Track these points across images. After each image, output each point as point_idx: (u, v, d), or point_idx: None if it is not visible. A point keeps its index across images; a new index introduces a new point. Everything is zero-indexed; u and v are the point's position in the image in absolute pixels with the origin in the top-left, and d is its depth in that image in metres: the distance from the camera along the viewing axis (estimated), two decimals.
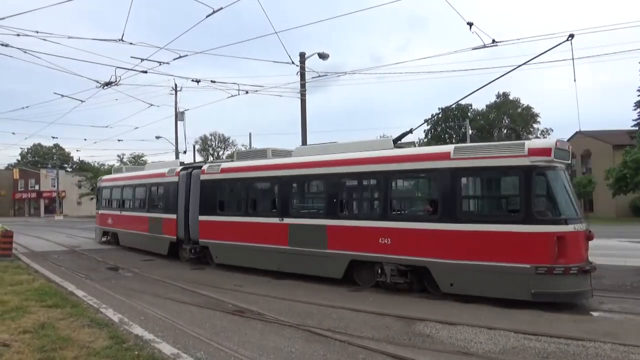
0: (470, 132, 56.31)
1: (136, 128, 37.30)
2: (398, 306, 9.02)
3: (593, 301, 9.06)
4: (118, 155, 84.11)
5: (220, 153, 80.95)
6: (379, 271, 10.60)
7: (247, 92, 17.52)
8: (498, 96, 79.52)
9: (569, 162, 9.66)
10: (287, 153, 13.87)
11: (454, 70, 42.09)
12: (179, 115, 32.81)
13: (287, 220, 12.31)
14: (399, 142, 11.55)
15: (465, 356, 6.20)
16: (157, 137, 40.22)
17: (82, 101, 19.25)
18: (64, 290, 10.31)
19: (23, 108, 25.34)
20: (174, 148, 34.47)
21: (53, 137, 51.97)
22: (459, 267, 9.28)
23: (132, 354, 5.86)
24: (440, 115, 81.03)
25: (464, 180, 9.70)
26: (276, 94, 19.13)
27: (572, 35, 9.87)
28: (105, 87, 15.68)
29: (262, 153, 14.23)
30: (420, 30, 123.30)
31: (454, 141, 79.49)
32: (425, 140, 77.21)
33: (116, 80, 15.17)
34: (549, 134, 76.39)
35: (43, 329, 6.92)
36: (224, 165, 14.73)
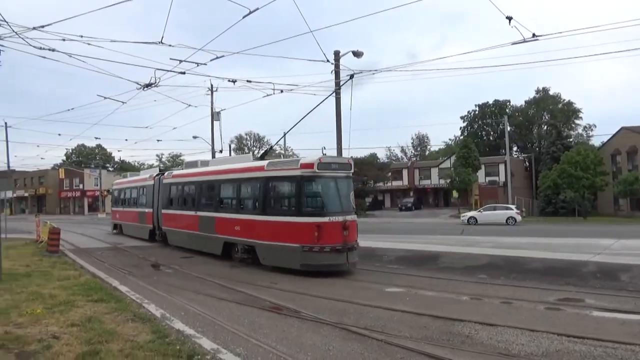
0: (508, 128, 54.96)
1: (174, 128, 38.54)
2: (435, 307, 8.91)
3: (637, 305, 8.70)
4: (157, 155, 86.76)
5: (255, 152, 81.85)
6: (237, 250, 14.90)
7: (282, 91, 17.65)
8: (537, 91, 77.04)
9: (341, 172, 13.15)
10: (206, 164, 18.75)
11: (492, 66, 41.21)
12: (215, 115, 33.34)
13: (198, 213, 17.13)
14: (266, 156, 15.90)
15: (506, 358, 6.06)
16: (194, 137, 40.96)
17: (123, 102, 19.84)
18: (109, 285, 10.68)
19: (68, 110, 26.71)
20: (211, 147, 35.11)
21: (96, 138, 54.16)
22: (268, 246, 13.38)
23: (174, 349, 6.01)
24: (476, 112, 79.34)
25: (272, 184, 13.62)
26: (311, 92, 19.34)
27: None
28: (145, 88, 16.12)
29: (194, 164, 19.47)
30: (457, 26, 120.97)
31: (491, 139, 77.70)
32: (462, 137, 75.80)
33: (156, 82, 15.58)
34: (592, 130, 73.50)
35: (90, 323, 7.19)
36: (175, 172, 20.55)
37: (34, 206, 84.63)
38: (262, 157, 16.01)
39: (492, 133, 78.16)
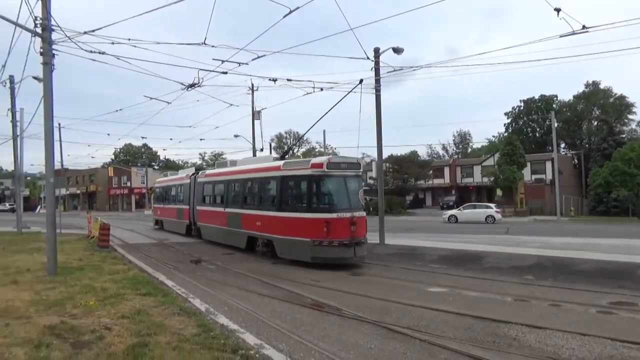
0: (555, 124, 52.91)
1: (216, 127, 39.31)
2: (480, 308, 8.71)
3: None
4: (200, 154, 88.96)
5: (295, 150, 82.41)
6: (258, 244, 16.20)
7: (321, 89, 17.66)
8: (587, 85, 73.79)
9: (350, 172, 14.23)
10: (234, 163, 20.22)
11: (537, 60, 39.78)
12: (255, 114, 33.80)
13: (227, 210, 18.56)
14: (286, 157, 17.33)
15: None
16: (236, 136, 41.77)
17: (168, 103, 20.40)
18: (156, 280, 11.04)
19: (117, 111, 27.85)
20: (251, 146, 35.63)
21: (142, 137, 56.31)
22: (284, 240, 14.60)
23: (218, 342, 6.14)
24: (521, 108, 76.87)
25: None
26: (350, 89, 19.26)
27: None
28: (189, 88, 16.52)
29: (224, 164, 21.17)
30: (500, 19, 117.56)
31: (537, 135, 75.10)
32: (506, 134, 73.65)
33: (199, 82, 15.92)
34: None
35: (139, 315, 7.45)
36: (207, 171, 22.23)
37: (85, 203, 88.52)
38: (282, 157, 17.34)
39: (538, 129, 75.52)
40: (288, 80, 17.37)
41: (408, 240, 19.66)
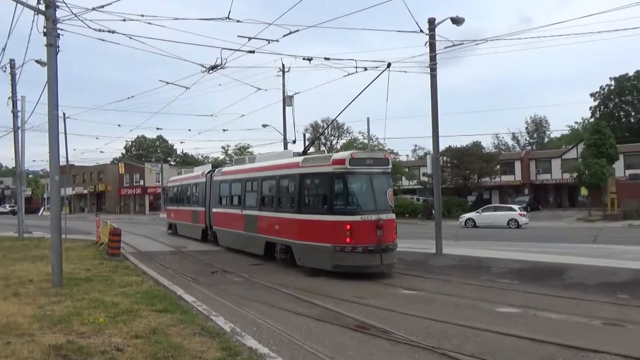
0: None
1: (242, 116, 39.83)
2: (561, 333, 8.46)
3: None
4: (222, 147, 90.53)
5: (334, 142, 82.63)
6: (276, 250, 16.88)
7: (365, 69, 17.57)
8: None
9: (377, 168, 14.77)
10: (253, 159, 21.06)
11: (631, 28, 37.88)
12: (287, 100, 33.98)
13: (244, 212, 19.40)
14: (308, 151, 17.56)
15: None
16: (264, 126, 41.71)
17: (186, 88, 20.80)
18: (173, 294, 11.31)
19: (128, 98, 28.43)
20: (282, 137, 35.90)
21: (157, 129, 57.66)
22: (303, 246, 15.37)
23: None
24: (612, 88, 74.20)
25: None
26: (400, 69, 19.11)
27: None
28: (211, 71, 16.79)
29: (242, 160, 22.43)
30: None
31: (632, 121, 72.28)
32: (592, 120, 71.27)
33: (222, 63, 16.16)
34: None
35: (154, 335, 7.65)
36: (224, 169, 23.09)
37: (93, 204, 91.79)
38: (304, 152, 17.74)
39: (633, 113, 72.70)
40: (326, 59, 17.37)
41: (471, 249, 19.35)
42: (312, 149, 19.58)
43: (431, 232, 18.11)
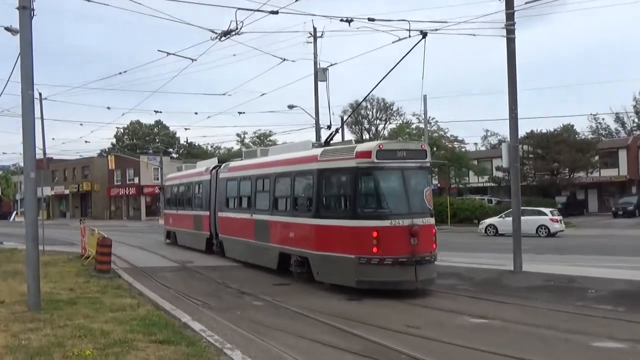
0: None
1: (262, 94, 40.08)
2: None
3: None
4: (238, 135, 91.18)
5: (380, 127, 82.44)
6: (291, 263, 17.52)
7: (421, 32, 17.43)
8: None
9: (411, 162, 15.18)
10: (266, 152, 21.72)
11: None
12: (320, 73, 34.02)
13: (254, 216, 20.02)
14: (329, 141, 18.14)
15: None
16: (290, 107, 41.68)
17: (192, 60, 21.08)
18: (177, 321, 11.48)
19: (120, 74, 28.66)
20: (314, 120, 35.97)
21: (156, 112, 57.95)
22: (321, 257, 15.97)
23: None
24: None
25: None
26: (467, 32, 18.69)
27: None
28: (223, 37, 16.93)
29: (254, 153, 23.19)
30: None
31: None
32: None
33: (236, 28, 16.28)
34: None
35: None
36: (231, 164, 23.72)
37: (76, 207, 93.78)
38: (326, 143, 18.29)
39: None
40: (370, 20, 17.31)
41: (560, 265, 19.09)
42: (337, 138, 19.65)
43: (506, 243, 17.91)
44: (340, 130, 19.48)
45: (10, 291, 14.61)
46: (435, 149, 58.05)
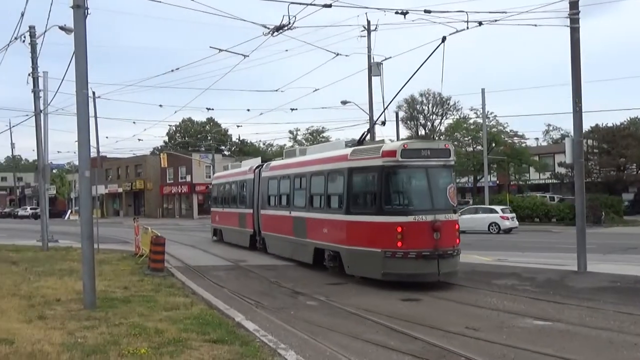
0: None
1: (315, 90, 40.14)
2: None
3: None
4: (290, 131, 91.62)
5: (436, 123, 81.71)
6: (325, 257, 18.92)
7: (480, 24, 17.24)
8: None
9: (434, 161, 16.37)
10: (304, 152, 23.39)
11: None
12: (374, 68, 33.94)
13: (292, 214, 21.48)
14: (362, 141, 19.20)
15: None
16: (344, 102, 41.81)
17: (245, 56, 21.28)
18: (230, 320, 11.65)
19: (172, 71, 29.20)
20: (368, 116, 35.91)
21: (208, 109, 59.00)
22: (351, 252, 17.36)
23: None
24: None
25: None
26: (528, 22, 18.29)
27: None
28: (275, 33, 17.07)
29: (293, 152, 24.68)
30: None
31: None
32: None
33: (289, 22, 16.37)
34: None
35: None
36: (273, 163, 25.54)
37: (129, 206, 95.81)
38: (359, 143, 19.27)
39: None
40: (426, 12, 17.19)
41: (627, 266, 18.60)
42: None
43: (570, 242, 17.57)
44: (369, 131, 20.22)
45: (67, 289, 15.08)
46: (493, 144, 57.29)
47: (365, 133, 20.02)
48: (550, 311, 13.13)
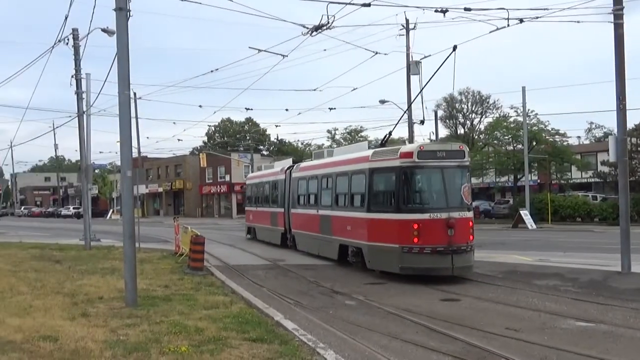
0: None
1: (354, 89, 40.05)
2: None
3: None
4: (328, 131, 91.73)
5: (475, 121, 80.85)
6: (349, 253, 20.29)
7: (521, 21, 17.05)
8: None
9: (450, 162, 17.44)
10: (331, 153, 25.08)
11: None
12: (412, 66, 33.80)
13: (320, 212, 22.90)
14: (385, 142, 20.38)
15: None
16: (382, 102, 41.67)
17: (283, 56, 21.41)
18: (269, 319, 11.72)
19: (211, 71, 29.49)
20: (407, 115, 35.73)
21: (247, 109, 59.51)
22: (372, 247, 18.54)
23: None
24: None
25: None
26: (570, 18, 18.00)
27: None
28: (314, 32, 17.12)
29: (321, 154, 26.18)
30: None
31: None
32: None
33: (328, 22, 16.42)
34: None
35: None
36: (302, 164, 27.13)
37: (169, 205, 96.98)
38: (382, 144, 20.40)
39: None
40: (466, 9, 17.06)
41: None
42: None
43: (613, 242, 17.28)
44: (391, 133, 21.18)
45: (109, 287, 15.34)
46: (534, 143, 56.49)
47: (388, 135, 20.80)
48: (593, 312, 12.95)
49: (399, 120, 21.79)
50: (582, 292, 15.22)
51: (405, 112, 25.92)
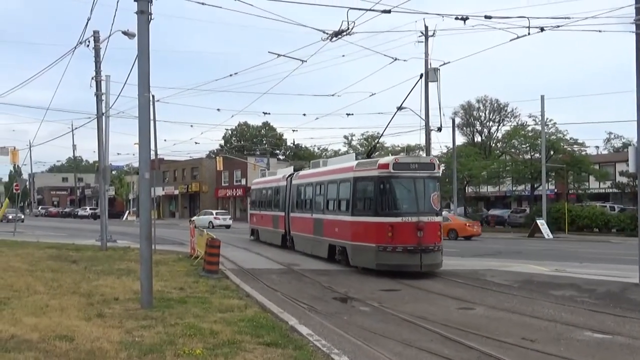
0: None
1: (371, 95, 40.19)
2: None
3: None
4: (345, 137, 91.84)
5: (493, 129, 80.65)
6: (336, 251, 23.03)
7: (542, 29, 16.98)
8: None
9: (421, 173, 20.13)
10: (326, 163, 27.80)
11: None
12: (430, 73, 33.76)
13: (314, 216, 25.56)
14: (371, 154, 24.52)
15: None
16: (399, 108, 41.63)
17: (302, 61, 21.48)
18: (284, 324, 11.72)
19: (230, 75, 29.67)
20: (424, 122, 35.70)
21: (264, 113, 59.53)
22: (354, 246, 21.26)
23: None
24: None
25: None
26: (592, 27, 17.90)
27: None
28: (334, 38, 17.15)
29: (317, 163, 28.81)
30: None
31: None
32: None
33: (348, 28, 16.44)
34: None
35: None
36: (301, 172, 29.70)
37: (185, 207, 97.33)
38: (368, 155, 23.75)
39: None
40: (486, 17, 17.02)
41: None
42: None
43: (630, 253, 17.15)
44: (376, 146, 24.63)
45: (124, 289, 15.43)
46: (552, 152, 56.14)
47: (372, 147, 23.85)
48: (610, 324, 12.81)
49: (384, 130, 23.80)
50: (599, 304, 15.09)
51: (377, 140, 25.92)
